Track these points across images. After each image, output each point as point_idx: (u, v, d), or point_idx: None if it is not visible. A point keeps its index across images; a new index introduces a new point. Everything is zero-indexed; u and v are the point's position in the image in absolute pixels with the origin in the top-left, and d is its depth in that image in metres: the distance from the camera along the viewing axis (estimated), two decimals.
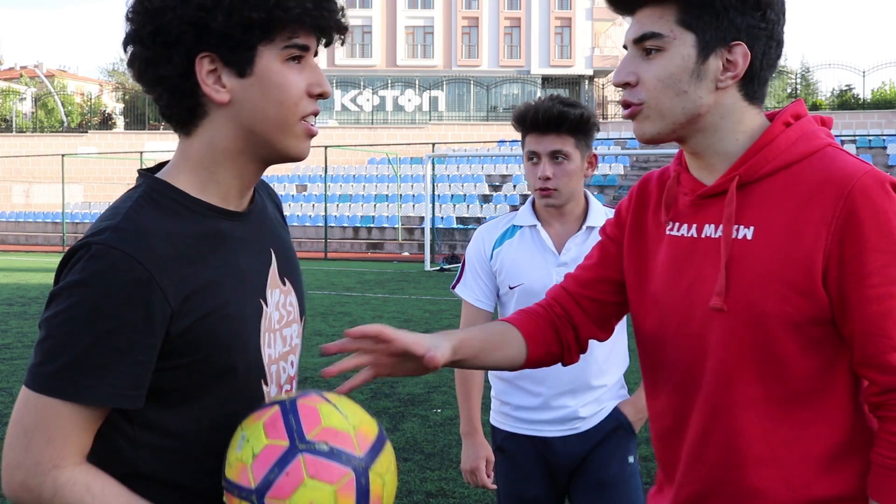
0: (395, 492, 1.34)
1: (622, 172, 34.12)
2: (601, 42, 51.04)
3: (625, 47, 1.51)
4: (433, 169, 27.13)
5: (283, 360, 1.46)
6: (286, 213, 34.18)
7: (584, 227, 2.61)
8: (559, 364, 1.76)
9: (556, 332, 1.71)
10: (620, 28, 52.66)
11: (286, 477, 1.22)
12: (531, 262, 2.61)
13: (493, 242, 2.70)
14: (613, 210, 2.50)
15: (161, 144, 41.11)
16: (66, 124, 48.29)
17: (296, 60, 1.33)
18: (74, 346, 1.21)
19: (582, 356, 2.31)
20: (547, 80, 47.24)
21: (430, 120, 41.80)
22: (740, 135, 1.46)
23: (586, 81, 47.48)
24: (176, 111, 1.35)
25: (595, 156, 2.62)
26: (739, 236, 1.43)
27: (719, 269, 1.42)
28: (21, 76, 61.53)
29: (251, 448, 1.25)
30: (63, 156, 32.88)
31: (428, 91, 45.01)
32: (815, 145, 1.43)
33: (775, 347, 1.40)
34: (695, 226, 1.50)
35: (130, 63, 1.35)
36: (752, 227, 1.42)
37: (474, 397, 2.78)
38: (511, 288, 2.64)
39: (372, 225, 30.84)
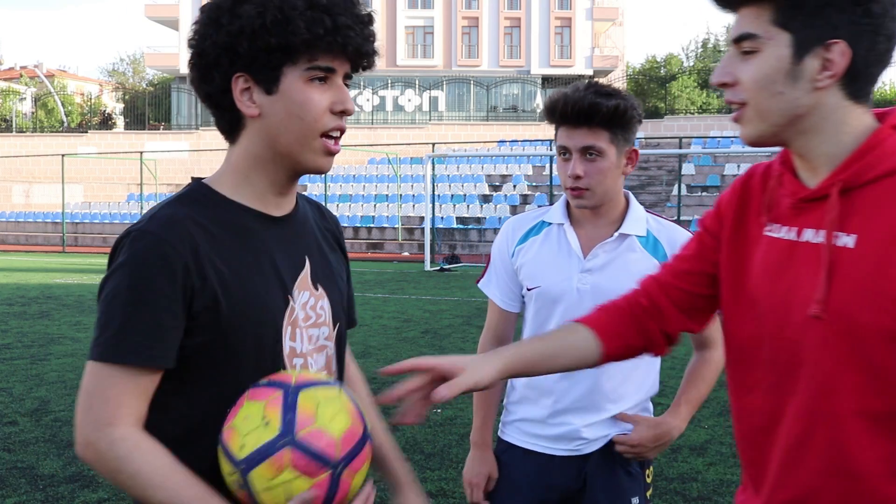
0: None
1: None
2: (601, 42, 51.00)
3: (727, 47, 1.48)
4: (433, 169, 27.12)
5: (309, 357, 1.59)
6: None
7: (616, 233, 2.33)
8: (637, 357, 1.75)
9: (638, 325, 1.68)
10: (620, 28, 52.66)
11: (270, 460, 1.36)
12: (552, 264, 2.37)
13: (518, 238, 2.46)
14: (656, 216, 2.40)
15: (161, 144, 41.10)
16: (66, 124, 48.29)
17: (321, 81, 1.49)
18: (119, 318, 1.41)
19: (595, 373, 2.27)
20: (547, 80, 47.20)
21: (430, 120, 41.81)
22: (845, 136, 1.41)
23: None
24: (222, 123, 1.56)
25: (636, 151, 2.35)
26: (840, 244, 1.37)
27: (819, 277, 1.38)
28: (21, 76, 61.53)
29: (247, 425, 1.38)
30: (63, 156, 32.86)
31: (428, 91, 45.01)
32: None
33: (875, 361, 1.35)
34: (795, 229, 1.45)
35: (191, 82, 1.57)
36: (854, 235, 1.36)
37: (491, 406, 2.56)
38: (529, 290, 2.41)
39: (372, 225, 30.84)
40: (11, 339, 10.18)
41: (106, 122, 49.74)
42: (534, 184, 32.80)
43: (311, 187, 34.42)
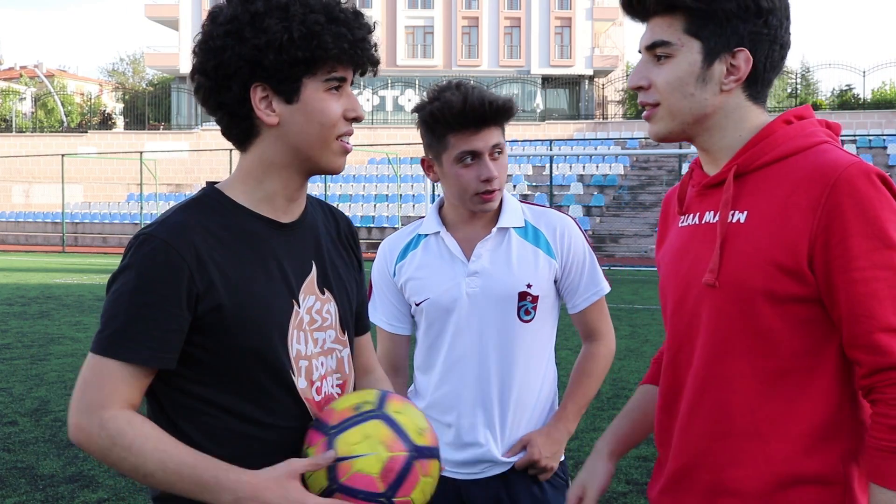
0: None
1: (622, 172, 34.13)
2: (601, 42, 51.02)
3: (640, 52, 1.62)
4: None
5: (314, 359, 1.63)
6: None
7: (495, 229, 2.27)
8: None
9: None
10: (620, 28, 52.68)
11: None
12: (437, 274, 2.29)
13: (397, 256, 2.37)
14: (530, 205, 2.36)
15: (161, 144, 41.10)
16: (65, 124, 48.29)
17: (335, 89, 1.58)
18: (122, 317, 1.48)
19: (477, 366, 2.28)
20: (547, 80, 47.23)
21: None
22: (743, 131, 1.57)
23: (586, 81, 47.48)
24: (234, 131, 1.60)
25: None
26: (734, 220, 1.53)
27: (714, 250, 1.54)
28: (21, 76, 61.54)
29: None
30: (63, 156, 32.90)
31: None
32: (811, 141, 1.53)
33: (762, 323, 1.49)
34: (697, 214, 1.62)
35: (196, 91, 1.61)
36: (745, 212, 1.53)
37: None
38: (417, 304, 2.32)
39: (372, 225, 30.85)
40: (11, 339, 10.18)
41: (106, 122, 49.74)
42: (534, 184, 32.82)
43: (311, 187, 34.42)
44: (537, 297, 2.27)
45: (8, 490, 4.89)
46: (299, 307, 1.61)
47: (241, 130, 1.59)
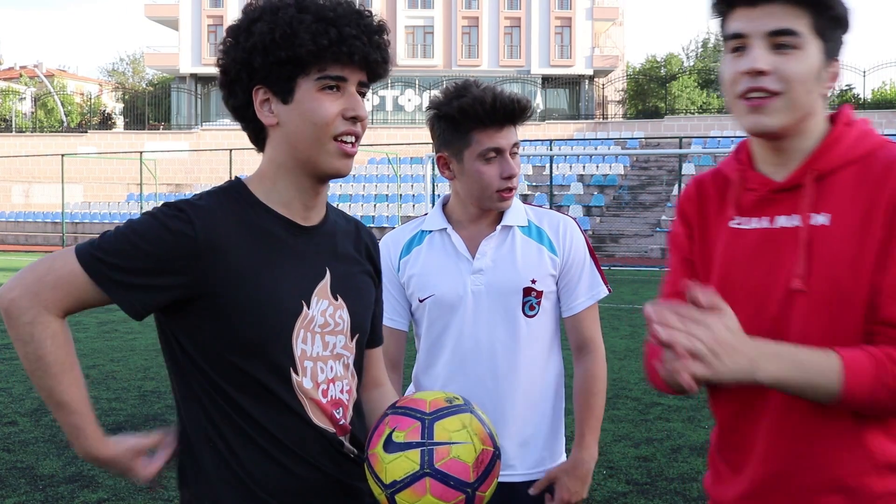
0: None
1: (622, 172, 34.12)
2: (601, 42, 50.99)
3: (737, 36, 1.54)
4: (433, 169, 27.10)
5: (322, 362, 1.65)
6: None
7: (499, 227, 2.32)
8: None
9: None
10: (620, 28, 52.68)
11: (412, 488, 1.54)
12: (442, 270, 2.31)
13: (401, 251, 2.39)
14: (533, 206, 2.38)
15: (161, 144, 41.10)
16: (65, 124, 48.29)
17: (333, 89, 1.58)
18: (115, 245, 1.54)
19: (483, 362, 2.27)
20: (547, 80, 47.21)
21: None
22: (816, 134, 1.59)
23: (586, 81, 47.46)
24: (249, 134, 1.67)
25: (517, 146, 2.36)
26: (817, 223, 1.53)
27: (798, 254, 1.53)
28: (21, 76, 61.51)
29: (390, 454, 1.55)
30: (63, 156, 32.88)
31: (428, 91, 44.99)
32: (878, 141, 1.58)
33: (856, 327, 1.49)
34: (766, 218, 1.60)
35: (223, 101, 1.68)
36: (828, 215, 1.53)
37: None
38: (421, 301, 2.33)
39: (372, 225, 30.84)
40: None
41: (105, 122, 49.74)
42: (534, 184, 32.82)
43: None
44: (542, 292, 2.29)
45: (8, 490, 4.89)
46: (309, 308, 1.62)
47: (253, 133, 1.66)
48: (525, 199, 31.15)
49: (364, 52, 1.58)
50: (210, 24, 47.35)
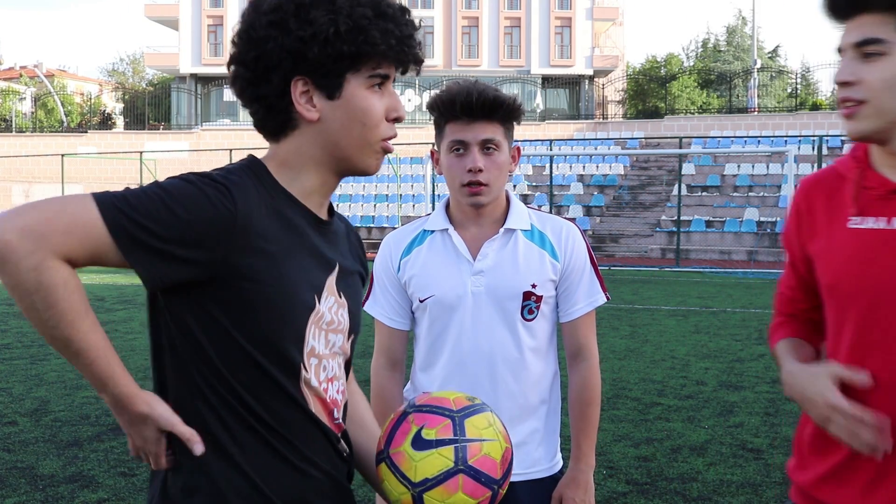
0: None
1: (622, 172, 34.10)
2: (601, 42, 50.99)
3: (839, 51, 1.61)
4: (433, 169, 27.06)
5: (324, 360, 1.59)
6: None
7: (502, 230, 2.30)
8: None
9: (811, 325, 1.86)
10: (620, 28, 52.66)
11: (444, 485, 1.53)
12: (442, 272, 2.31)
13: (402, 251, 2.38)
14: (536, 211, 2.38)
15: (161, 144, 41.09)
16: (65, 124, 48.28)
17: (378, 87, 1.53)
18: (144, 201, 1.38)
19: (481, 364, 2.28)
20: (547, 80, 47.20)
21: (429, 120, 41.50)
22: None
23: (586, 81, 47.45)
24: (270, 124, 1.55)
25: (518, 149, 2.34)
26: None
27: None
28: (21, 76, 61.49)
29: (419, 452, 1.54)
30: (63, 156, 32.89)
31: (428, 91, 44.99)
32: None
33: None
34: (884, 218, 1.61)
35: (233, 82, 1.55)
36: None
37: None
38: (421, 301, 2.33)
39: (372, 225, 30.84)
40: (11, 339, 10.18)
41: (106, 122, 49.73)
42: (534, 184, 32.81)
43: None
44: (541, 297, 2.29)
45: (8, 490, 4.89)
46: (319, 304, 1.57)
47: (276, 124, 1.54)
48: (525, 199, 31.14)
49: (416, 53, 1.55)
50: (210, 24, 47.35)
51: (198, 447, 1.47)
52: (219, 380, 1.49)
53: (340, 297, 1.63)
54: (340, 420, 1.66)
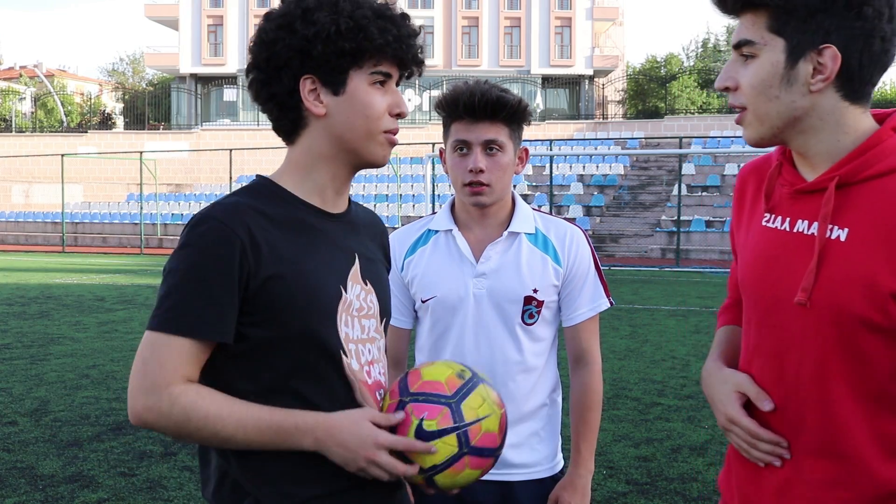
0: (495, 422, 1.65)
1: (622, 172, 34.11)
2: (601, 42, 50.99)
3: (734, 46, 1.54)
4: (433, 169, 27.09)
5: (360, 344, 1.69)
6: None
7: (506, 232, 2.30)
8: None
9: None
10: (620, 28, 52.65)
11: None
12: (445, 272, 2.31)
13: (406, 250, 2.38)
14: (542, 214, 2.36)
15: (161, 144, 41.08)
16: (65, 124, 48.27)
17: (380, 84, 1.64)
18: (178, 293, 1.52)
19: (480, 367, 2.21)
20: (547, 80, 47.21)
21: (430, 120, 41.79)
22: (843, 136, 1.46)
23: (586, 81, 47.46)
24: (283, 123, 1.66)
25: (526, 150, 2.33)
26: (833, 236, 1.43)
27: (808, 266, 1.45)
28: (21, 76, 61.48)
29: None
30: (63, 156, 32.86)
31: (428, 91, 45.01)
32: None
33: (860, 348, 1.42)
34: (788, 219, 1.52)
35: (250, 86, 1.66)
36: (846, 229, 1.42)
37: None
38: (424, 301, 2.33)
39: None
40: (11, 339, 10.17)
41: (105, 122, 49.73)
42: (534, 184, 32.81)
43: None
44: (542, 301, 2.29)
45: (8, 490, 4.88)
46: (346, 293, 1.66)
47: (289, 122, 1.65)
48: (525, 199, 31.09)
49: (415, 53, 1.65)
50: (210, 24, 47.33)
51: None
52: (262, 379, 1.58)
53: (366, 283, 1.73)
54: None
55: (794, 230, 1.50)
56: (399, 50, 1.62)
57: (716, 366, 1.66)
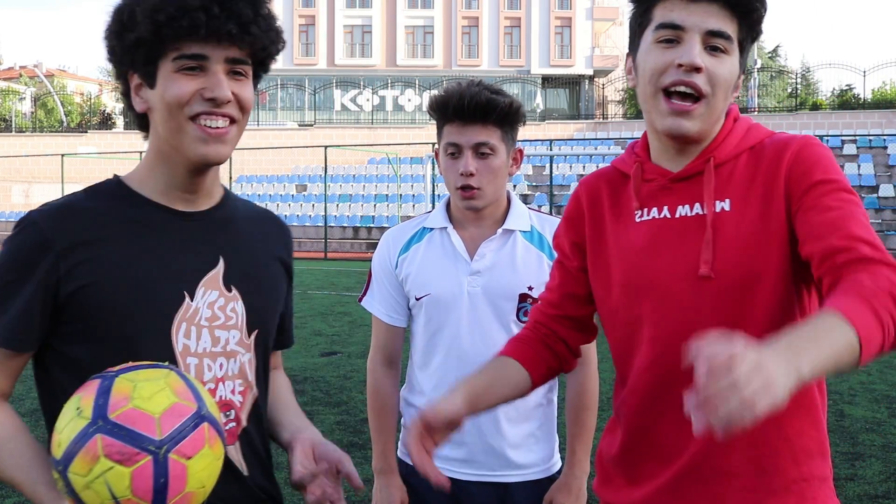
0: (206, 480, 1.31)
1: None
2: (601, 42, 51.02)
3: (674, 27, 1.51)
4: (433, 169, 27.08)
5: (209, 358, 1.54)
6: (285, 212, 33.57)
7: (500, 230, 2.29)
8: (555, 376, 1.84)
9: (549, 349, 1.78)
10: (620, 28, 52.66)
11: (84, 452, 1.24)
12: (440, 270, 2.29)
13: (400, 248, 2.37)
14: (537, 212, 2.37)
15: None
16: (65, 124, 48.30)
17: (195, 70, 1.48)
18: None
19: (475, 365, 2.21)
20: (547, 80, 47.22)
21: (430, 120, 41.67)
22: (713, 134, 1.61)
23: (586, 81, 47.47)
24: (137, 121, 1.60)
25: (521, 151, 2.33)
26: (718, 209, 1.55)
27: (703, 241, 1.54)
28: (21, 76, 61.51)
29: (63, 421, 1.31)
30: (63, 156, 32.91)
31: (428, 91, 45.00)
32: (766, 132, 1.61)
33: (764, 310, 1.50)
34: (666, 207, 1.60)
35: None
36: (727, 200, 1.55)
37: (390, 428, 2.40)
38: (418, 299, 2.32)
39: (372, 225, 30.84)
40: None
41: (105, 122, 49.72)
42: (534, 184, 32.82)
43: (311, 187, 34.41)
44: (537, 299, 2.27)
45: (8, 490, 4.88)
46: (192, 300, 1.53)
47: (137, 121, 1.60)
48: (525, 199, 31.14)
49: (214, 25, 1.44)
50: None
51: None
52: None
53: (230, 290, 1.58)
54: (235, 426, 1.58)
55: (677, 216, 1.58)
56: (180, 27, 1.43)
57: (447, 397, 1.56)
